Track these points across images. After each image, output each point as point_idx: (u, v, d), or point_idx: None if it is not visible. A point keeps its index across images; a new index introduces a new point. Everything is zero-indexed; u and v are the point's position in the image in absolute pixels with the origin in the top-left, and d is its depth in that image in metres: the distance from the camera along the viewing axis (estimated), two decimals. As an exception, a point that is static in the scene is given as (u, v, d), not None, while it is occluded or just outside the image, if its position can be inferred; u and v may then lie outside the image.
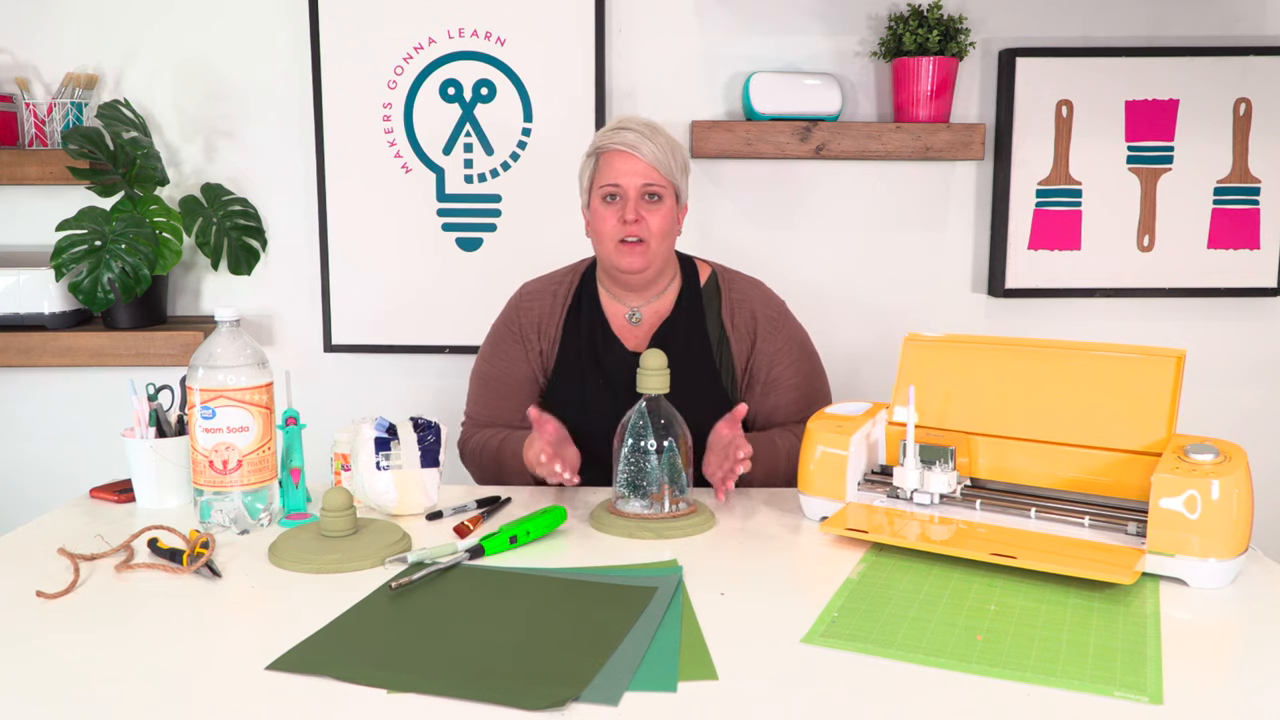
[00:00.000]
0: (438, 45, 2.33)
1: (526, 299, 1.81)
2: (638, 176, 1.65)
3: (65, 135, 2.16)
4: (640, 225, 1.65)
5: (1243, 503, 1.17)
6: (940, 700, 0.92)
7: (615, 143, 1.66)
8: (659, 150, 1.66)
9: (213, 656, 1.02)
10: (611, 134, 1.67)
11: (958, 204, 2.43)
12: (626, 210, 1.65)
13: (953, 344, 1.47)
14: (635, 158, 1.65)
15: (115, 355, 2.26)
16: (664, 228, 1.67)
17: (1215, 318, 2.46)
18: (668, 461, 1.39)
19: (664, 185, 1.67)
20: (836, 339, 2.42)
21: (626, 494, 1.41)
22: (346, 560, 1.24)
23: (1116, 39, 2.36)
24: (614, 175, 1.66)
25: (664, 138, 1.68)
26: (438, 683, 0.94)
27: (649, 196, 1.66)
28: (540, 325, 1.77)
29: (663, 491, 1.39)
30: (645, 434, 1.39)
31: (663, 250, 1.69)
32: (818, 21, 2.36)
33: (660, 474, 1.39)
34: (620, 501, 1.41)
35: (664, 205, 1.67)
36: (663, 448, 1.39)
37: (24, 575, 1.21)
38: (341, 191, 2.37)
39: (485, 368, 1.80)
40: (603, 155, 1.68)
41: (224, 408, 1.36)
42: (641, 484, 1.40)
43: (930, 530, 1.30)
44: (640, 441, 1.40)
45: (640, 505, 1.39)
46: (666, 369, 1.41)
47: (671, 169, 1.67)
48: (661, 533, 1.35)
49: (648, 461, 1.39)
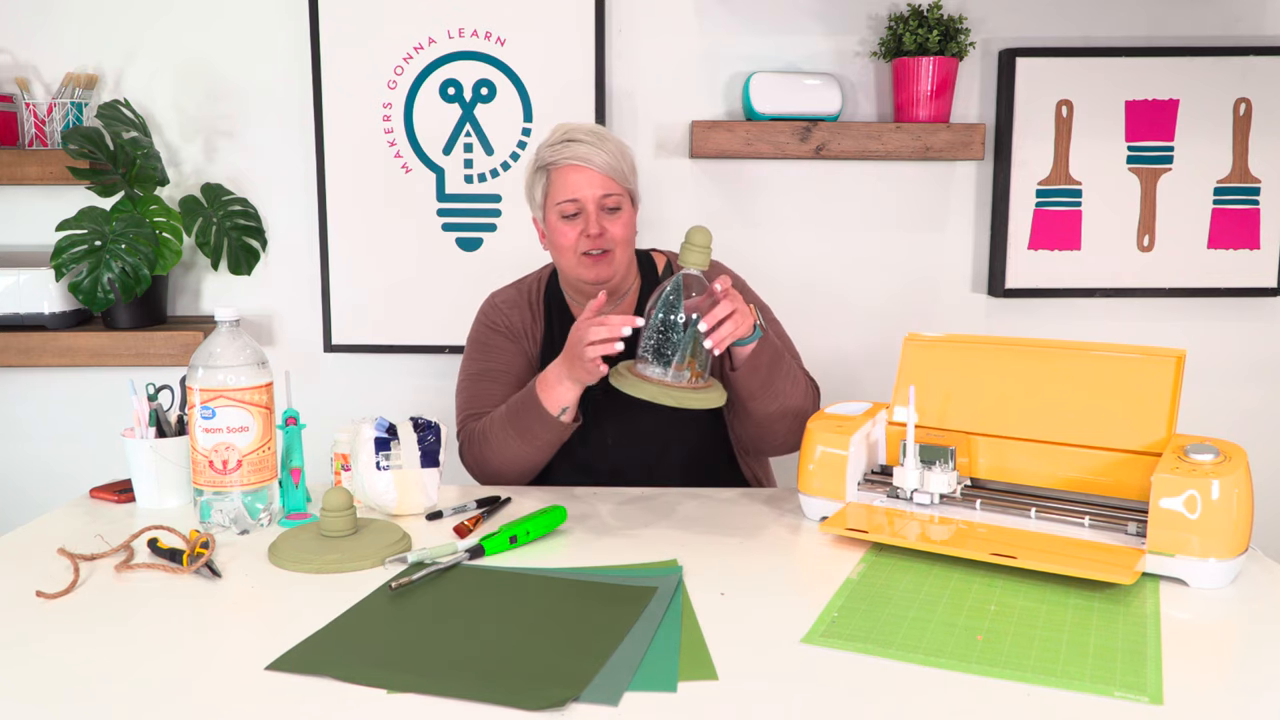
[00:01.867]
0: (438, 45, 2.33)
1: (503, 306, 1.78)
2: (595, 188, 1.62)
3: (65, 135, 2.15)
4: (604, 237, 1.63)
5: (1243, 503, 1.17)
6: (940, 700, 0.92)
7: (567, 157, 1.62)
8: (611, 158, 1.63)
9: (213, 656, 1.02)
10: (560, 147, 1.63)
11: (958, 204, 2.43)
12: (589, 224, 1.62)
13: (953, 344, 1.47)
14: (590, 170, 1.62)
15: (115, 355, 2.26)
16: (626, 235, 1.66)
17: (1215, 318, 2.46)
18: (692, 335, 1.41)
19: (621, 193, 1.64)
20: (836, 339, 2.43)
21: (650, 359, 1.43)
22: (346, 560, 1.24)
23: (1116, 39, 2.36)
24: (570, 190, 1.62)
25: (613, 143, 1.65)
26: (438, 683, 0.94)
27: (608, 209, 1.64)
28: (526, 328, 1.75)
29: (686, 363, 1.41)
30: (676, 306, 1.41)
31: (625, 256, 1.68)
32: (818, 21, 2.36)
33: (684, 346, 1.41)
34: (642, 365, 1.43)
35: (623, 213, 1.65)
36: (690, 320, 1.41)
37: (24, 575, 1.21)
38: (341, 191, 2.37)
39: (478, 366, 1.76)
40: (554, 170, 1.64)
41: (224, 408, 1.36)
42: (666, 352, 1.42)
43: (930, 530, 1.30)
44: (670, 314, 1.41)
45: (660, 371, 1.41)
46: (710, 246, 1.42)
47: (625, 175, 1.65)
48: (680, 400, 1.38)
49: (674, 332, 1.41)
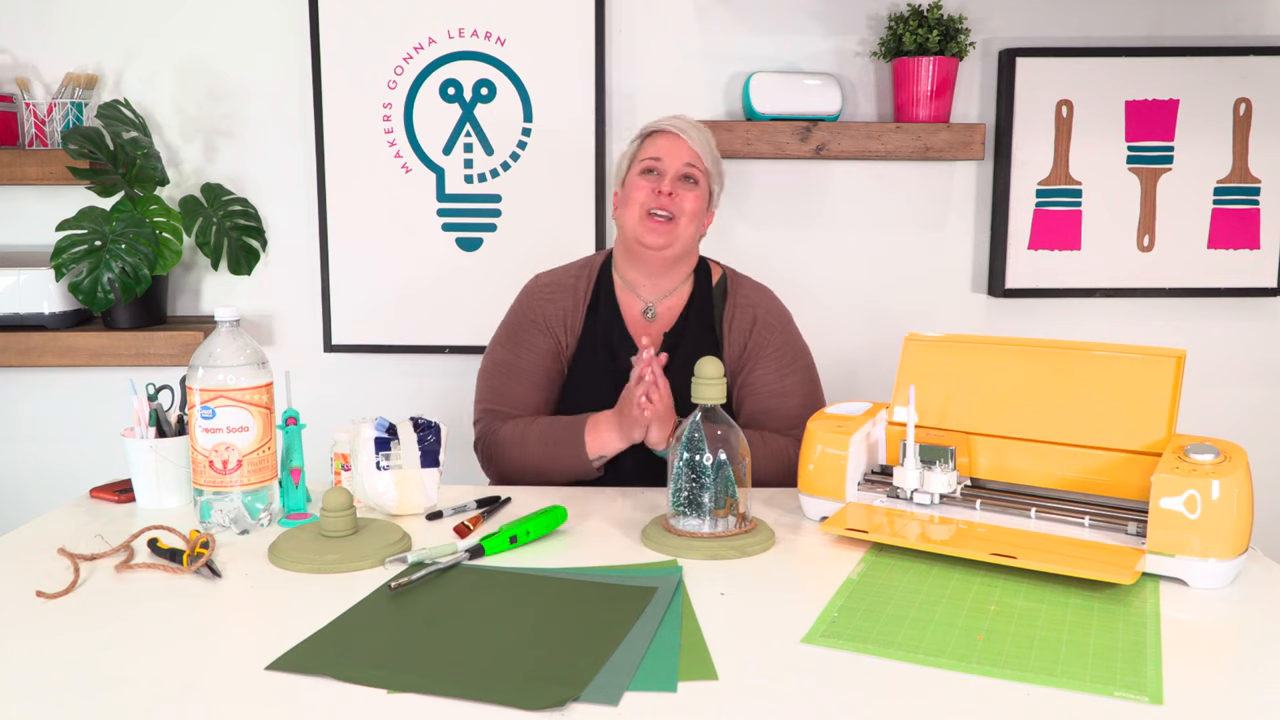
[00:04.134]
0: (438, 45, 2.33)
1: (546, 290, 1.79)
2: (680, 156, 1.71)
3: (65, 135, 2.15)
4: (673, 200, 1.69)
5: (1243, 503, 1.17)
6: (940, 700, 0.92)
7: (666, 124, 1.74)
8: (704, 140, 1.73)
9: (212, 656, 1.02)
10: (663, 120, 1.77)
11: (958, 204, 2.43)
12: (663, 184, 1.69)
13: (953, 344, 1.47)
14: (682, 140, 1.72)
15: (115, 355, 2.26)
16: (695, 209, 1.71)
17: (1215, 318, 2.46)
18: (724, 476, 1.30)
19: (703, 171, 1.73)
20: (836, 339, 2.42)
21: (685, 511, 1.31)
22: (346, 560, 1.24)
23: (1116, 39, 2.36)
24: (657, 150, 1.72)
25: (710, 137, 1.76)
26: (438, 683, 0.94)
27: (687, 178, 1.71)
28: (565, 318, 1.76)
29: (727, 507, 1.30)
30: (700, 446, 1.29)
31: (688, 234, 1.71)
32: (818, 21, 2.36)
33: (718, 489, 1.30)
34: (676, 519, 1.32)
35: (699, 189, 1.72)
36: (720, 461, 1.30)
37: (24, 575, 1.21)
38: (341, 191, 2.37)
39: (506, 357, 1.75)
40: (650, 136, 1.75)
41: (224, 408, 1.36)
42: (700, 499, 1.30)
43: (930, 530, 1.30)
44: (696, 455, 1.30)
45: (696, 523, 1.30)
46: (723, 378, 1.31)
47: (712, 159, 1.75)
48: (717, 553, 1.26)
49: (704, 475, 1.30)
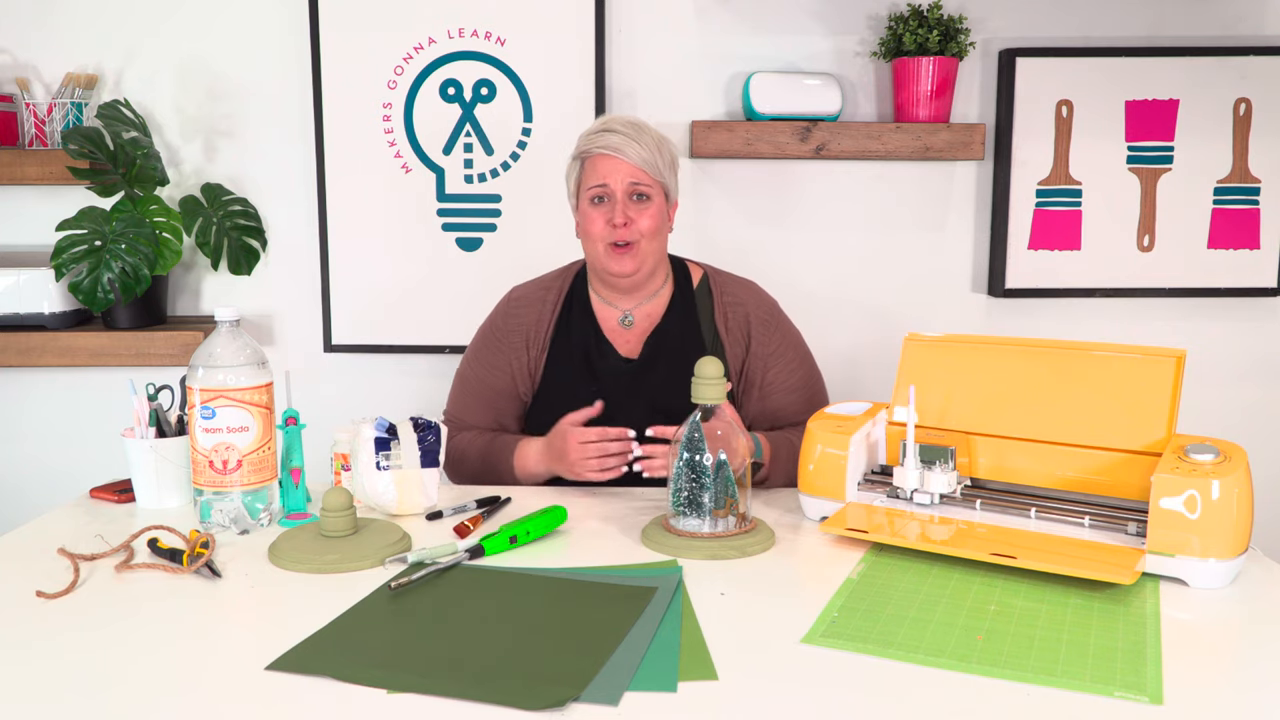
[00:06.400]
0: (438, 45, 2.33)
1: (515, 305, 1.78)
2: (624, 177, 1.64)
3: (65, 135, 2.15)
4: (629, 228, 1.64)
5: (1243, 503, 1.17)
6: (940, 700, 0.92)
7: (599, 146, 1.65)
8: (644, 150, 1.64)
9: (212, 656, 1.02)
10: (595, 137, 1.66)
11: (958, 204, 2.43)
12: (615, 214, 1.63)
13: (953, 344, 1.47)
14: (620, 160, 1.64)
15: (115, 355, 2.26)
16: (653, 227, 1.66)
17: (1215, 318, 2.46)
18: (724, 476, 1.30)
19: (651, 184, 1.65)
20: (836, 339, 2.42)
21: (685, 511, 1.32)
22: (346, 560, 1.24)
23: (1116, 39, 2.36)
24: (600, 176, 1.65)
25: (650, 136, 1.66)
26: (438, 683, 0.94)
27: (637, 197, 1.65)
28: (529, 333, 1.75)
29: (726, 507, 1.30)
30: (700, 446, 1.30)
31: (653, 250, 1.68)
32: (818, 21, 2.36)
33: (720, 487, 1.30)
34: (676, 519, 1.32)
35: (652, 204, 1.66)
36: (719, 461, 1.30)
37: (24, 575, 1.21)
38: (341, 191, 2.37)
39: (467, 370, 1.79)
40: (588, 159, 1.67)
41: (224, 408, 1.36)
42: (699, 499, 1.31)
43: (930, 530, 1.30)
44: (696, 456, 1.30)
45: (696, 523, 1.31)
46: (723, 378, 1.31)
47: (659, 167, 1.66)
48: (717, 553, 1.27)
49: (704, 475, 1.30)
